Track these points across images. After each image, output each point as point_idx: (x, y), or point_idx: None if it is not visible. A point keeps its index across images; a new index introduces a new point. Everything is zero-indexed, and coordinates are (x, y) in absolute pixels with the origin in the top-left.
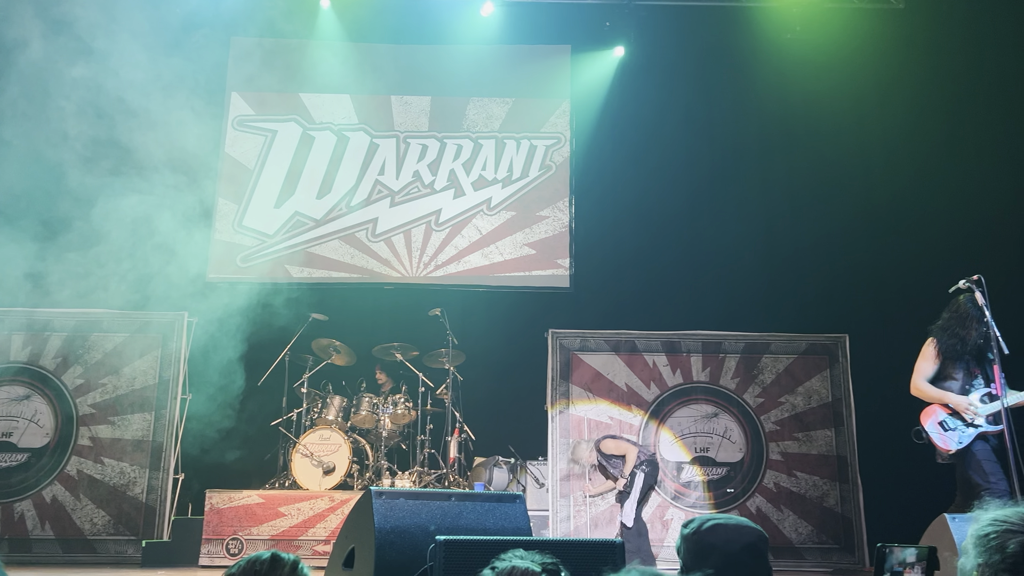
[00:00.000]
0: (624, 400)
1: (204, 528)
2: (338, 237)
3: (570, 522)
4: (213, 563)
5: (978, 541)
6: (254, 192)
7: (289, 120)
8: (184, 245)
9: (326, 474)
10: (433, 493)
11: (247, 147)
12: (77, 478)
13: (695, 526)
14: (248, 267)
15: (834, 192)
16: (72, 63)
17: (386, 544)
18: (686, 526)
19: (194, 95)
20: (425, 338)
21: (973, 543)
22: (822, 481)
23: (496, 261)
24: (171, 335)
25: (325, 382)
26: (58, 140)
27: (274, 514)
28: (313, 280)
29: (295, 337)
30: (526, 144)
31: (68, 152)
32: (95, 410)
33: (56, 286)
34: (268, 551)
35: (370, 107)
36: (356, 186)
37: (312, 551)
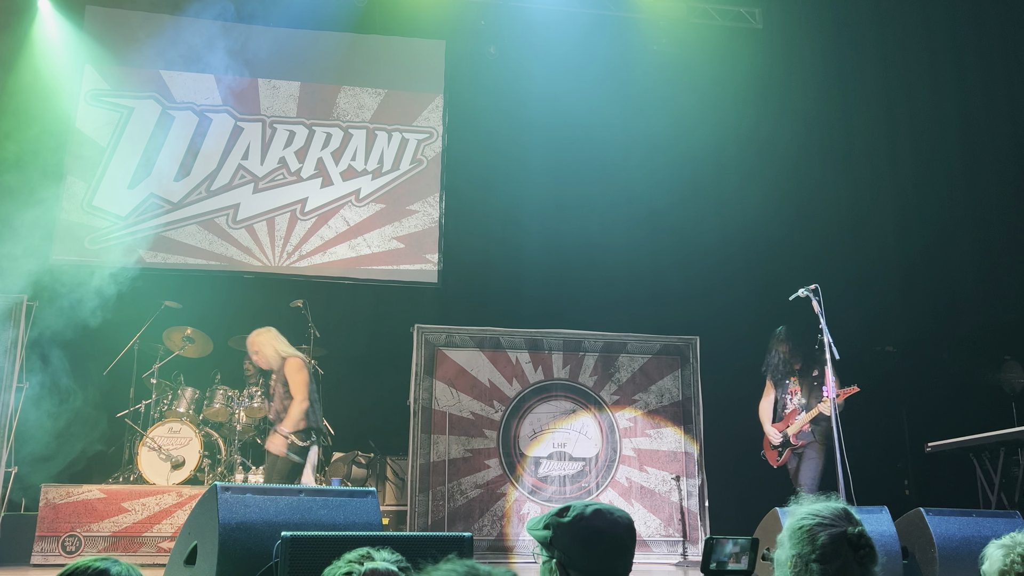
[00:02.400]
0: (486, 396)
1: (38, 525)
2: (196, 222)
3: (428, 517)
4: (47, 561)
5: (792, 533)
6: (106, 171)
7: (148, 97)
8: (26, 224)
9: (175, 468)
10: (283, 488)
11: (100, 123)
12: None
13: (576, 512)
14: (97, 249)
15: (691, 200)
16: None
17: (230, 540)
18: (562, 514)
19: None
20: (286, 330)
21: (788, 535)
22: (671, 476)
23: (363, 253)
24: (8, 319)
25: (177, 373)
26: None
27: (116, 510)
28: (168, 266)
29: (145, 325)
30: (398, 137)
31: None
32: None
33: None
34: (103, 560)
35: (235, 89)
36: (218, 170)
37: (157, 548)
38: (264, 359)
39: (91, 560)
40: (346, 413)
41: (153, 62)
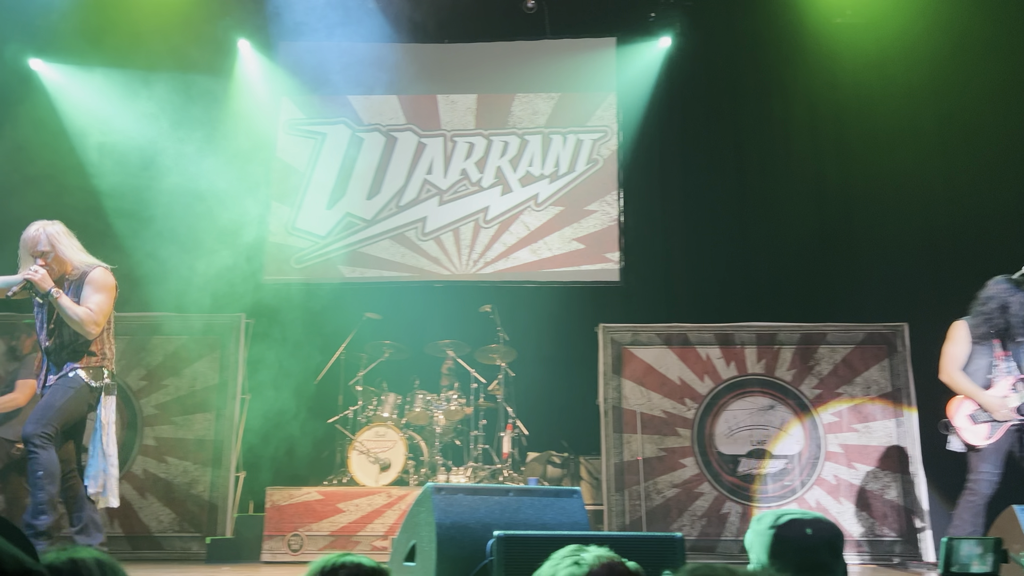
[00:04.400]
0: (677, 394)
1: (266, 525)
2: (388, 237)
3: (625, 517)
4: (275, 559)
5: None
6: (306, 194)
7: (339, 123)
8: (240, 248)
9: (382, 470)
10: (491, 488)
11: (298, 150)
12: (143, 477)
13: (770, 521)
14: (302, 268)
15: (888, 179)
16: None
17: (447, 539)
18: (759, 521)
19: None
20: (476, 335)
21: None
22: (883, 473)
23: (545, 256)
24: (229, 337)
25: (380, 379)
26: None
27: (333, 510)
28: (365, 279)
29: (349, 336)
30: (572, 138)
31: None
32: (158, 411)
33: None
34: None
35: (417, 107)
36: (405, 186)
37: (371, 547)
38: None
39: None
40: (537, 413)
41: (341, 89)
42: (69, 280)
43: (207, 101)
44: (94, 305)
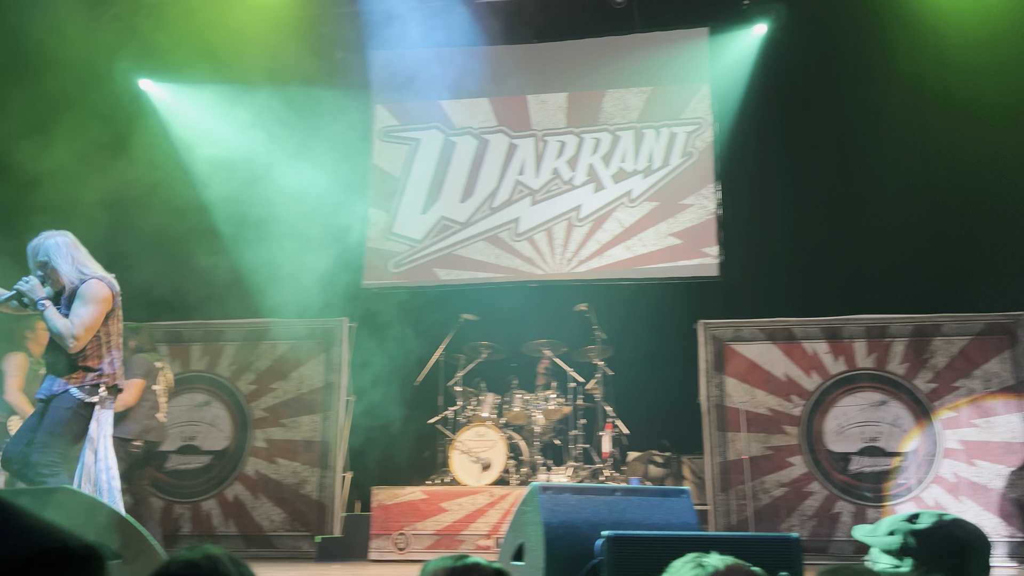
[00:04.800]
0: (783, 391)
1: (372, 524)
2: (483, 238)
3: (731, 517)
4: (382, 557)
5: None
6: (402, 200)
7: (431, 128)
8: (341, 255)
9: (484, 470)
10: (598, 488)
11: (393, 157)
12: (255, 478)
13: (934, 520)
14: (400, 272)
15: (1002, 161)
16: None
17: (555, 538)
18: (914, 520)
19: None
20: (573, 334)
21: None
22: (1007, 470)
23: (640, 253)
24: (333, 340)
25: (478, 380)
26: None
27: (437, 509)
28: (461, 282)
29: (447, 338)
30: (666, 132)
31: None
32: (267, 413)
33: (225, 299)
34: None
35: (507, 108)
36: (497, 187)
37: (475, 546)
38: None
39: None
40: (637, 412)
41: (433, 94)
42: (67, 293)
43: (306, 111)
44: (76, 318)
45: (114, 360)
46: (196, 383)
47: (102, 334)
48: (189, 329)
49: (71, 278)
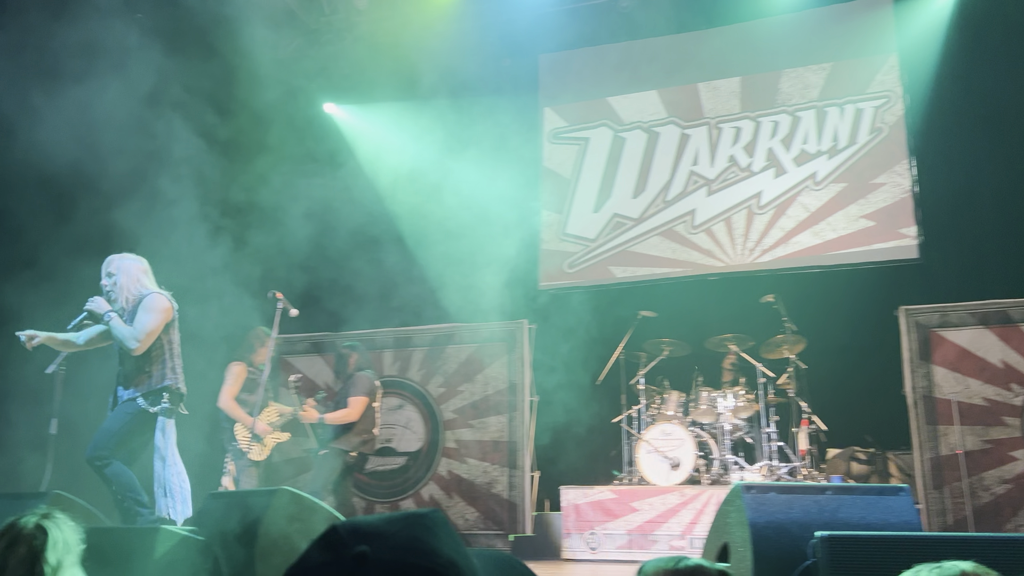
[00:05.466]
0: (1001, 379)
1: (563, 523)
2: (658, 233)
3: (947, 516)
4: (575, 556)
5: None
6: (574, 200)
7: (600, 125)
8: (517, 258)
9: (673, 469)
10: (806, 486)
11: (563, 158)
12: (448, 478)
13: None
14: (575, 272)
15: None
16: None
17: (762, 539)
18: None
19: (511, 117)
20: (759, 327)
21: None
22: None
23: (829, 238)
24: (515, 342)
25: (661, 377)
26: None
27: (627, 509)
28: (637, 278)
29: (627, 336)
30: (851, 109)
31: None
32: (456, 415)
33: (413, 306)
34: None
35: (677, 99)
36: (671, 180)
37: (669, 546)
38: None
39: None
40: (835, 407)
41: (601, 92)
42: (129, 308)
43: (477, 119)
44: (138, 324)
45: (176, 367)
46: (389, 387)
47: (164, 343)
48: (381, 336)
49: (132, 294)
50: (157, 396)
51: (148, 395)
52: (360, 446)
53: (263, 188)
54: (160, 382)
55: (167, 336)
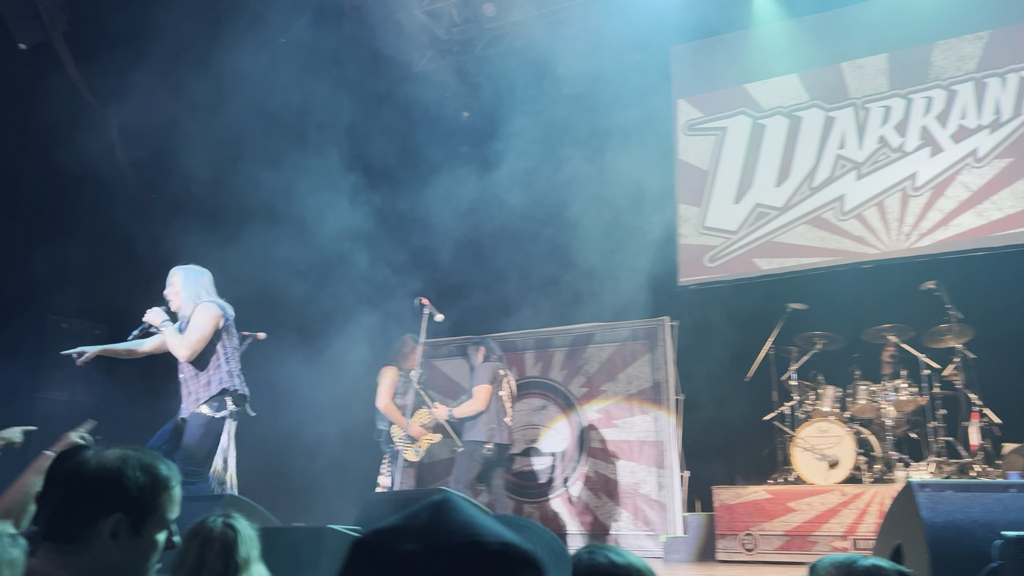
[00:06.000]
0: None
1: (716, 524)
2: (804, 222)
3: None
4: (730, 558)
5: None
6: (712, 192)
7: (737, 114)
8: (654, 255)
9: (831, 467)
10: (986, 484)
11: (700, 149)
12: (595, 478)
13: None
14: (717, 266)
15: None
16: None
17: (940, 540)
18: None
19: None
20: (920, 316)
21: None
22: None
23: (994, 218)
24: (656, 340)
25: (814, 372)
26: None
27: (784, 509)
28: (784, 270)
29: (775, 330)
30: (1014, 78)
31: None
32: (600, 415)
33: (554, 306)
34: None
35: (820, 81)
36: (816, 165)
37: (830, 547)
38: None
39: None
40: (1010, 398)
41: (737, 79)
42: (187, 316)
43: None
44: (188, 332)
45: (232, 371)
46: (532, 388)
47: (219, 349)
48: (521, 338)
49: (190, 303)
50: (220, 400)
51: (211, 401)
52: (491, 436)
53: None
54: (218, 387)
55: (221, 342)
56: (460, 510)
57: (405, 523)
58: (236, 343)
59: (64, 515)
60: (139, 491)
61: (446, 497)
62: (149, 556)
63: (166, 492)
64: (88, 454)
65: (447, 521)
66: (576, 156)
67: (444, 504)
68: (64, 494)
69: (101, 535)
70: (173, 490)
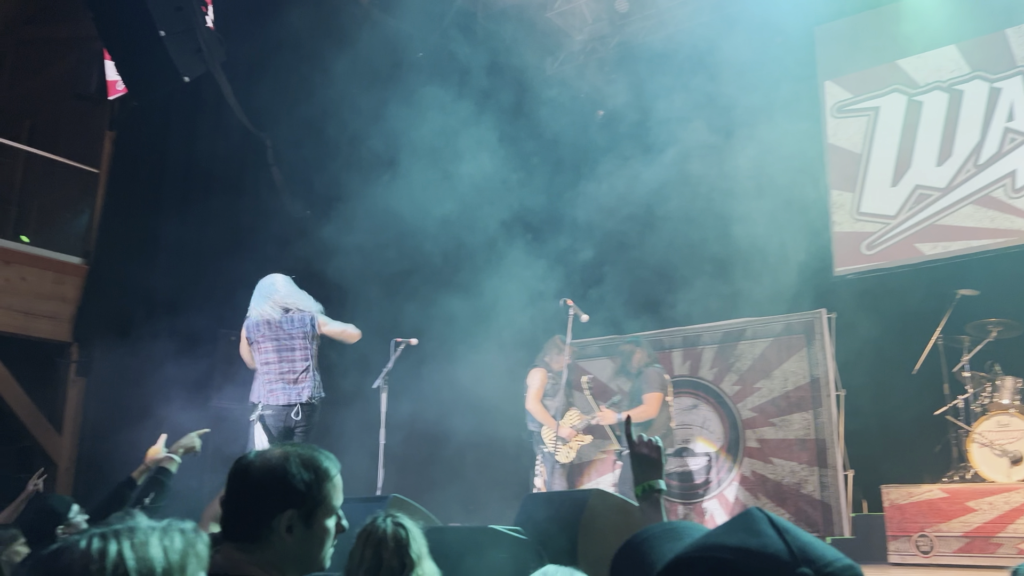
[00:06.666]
0: None
1: (887, 525)
2: (970, 202)
3: None
4: (903, 561)
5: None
6: (867, 176)
7: (890, 92)
8: (806, 244)
9: (1013, 464)
10: None
11: (850, 132)
12: (752, 478)
13: None
14: (875, 253)
15: None
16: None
17: None
18: None
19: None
20: None
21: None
22: None
23: None
24: (813, 334)
25: (990, 362)
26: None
27: (962, 509)
28: (951, 254)
29: (944, 318)
30: None
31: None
32: (756, 413)
33: (700, 303)
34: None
35: (981, 50)
36: (982, 141)
37: (1016, 549)
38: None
39: None
40: None
41: (887, 55)
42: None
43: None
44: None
45: (257, 378)
46: (682, 387)
47: (258, 363)
48: (668, 336)
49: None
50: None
51: (252, 411)
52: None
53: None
54: (251, 397)
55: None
56: (792, 529)
57: (760, 544)
58: (267, 356)
59: (240, 516)
60: (305, 486)
61: (762, 513)
62: (324, 543)
63: (329, 482)
64: (252, 456)
65: (805, 543)
66: (719, 147)
67: (779, 523)
68: (237, 497)
69: (277, 531)
70: (335, 479)
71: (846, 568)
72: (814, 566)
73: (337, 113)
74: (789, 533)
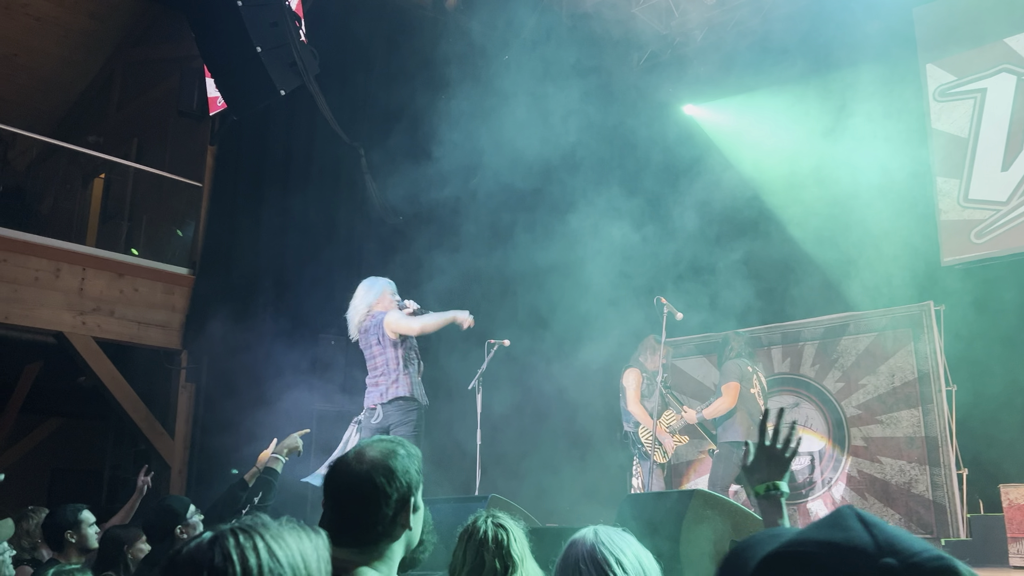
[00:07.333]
0: None
1: (1007, 526)
2: None
3: None
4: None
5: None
6: (975, 161)
7: (998, 72)
8: (911, 234)
9: None
10: None
11: (955, 116)
12: (859, 478)
13: None
14: (985, 242)
15: None
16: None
17: None
18: None
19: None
20: None
21: None
22: None
23: None
24: (920, 327)
25: None
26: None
27: None
28: None
29: None
30: None
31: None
32: (861, 411)
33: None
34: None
35: None
36: None
37: None
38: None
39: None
40: None
41: (993, 34)
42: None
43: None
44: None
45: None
46: (782, 385)
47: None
48: (766, 333)
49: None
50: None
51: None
52: (750, 435)
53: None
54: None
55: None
56: (880, 523)
57: (846, 538)
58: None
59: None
60: (408, 476)
61: (852, 510)
62: (426, 521)
63: (419, 463)
64: (350, 458)
65: (892, 536)
66: (817, 135)
67: (867, 518)
68: (345, 500)
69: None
70: (419, 458)
71: (933, 559)
72: (899, 556)
73: (426, 119)
74: (876, 527)
